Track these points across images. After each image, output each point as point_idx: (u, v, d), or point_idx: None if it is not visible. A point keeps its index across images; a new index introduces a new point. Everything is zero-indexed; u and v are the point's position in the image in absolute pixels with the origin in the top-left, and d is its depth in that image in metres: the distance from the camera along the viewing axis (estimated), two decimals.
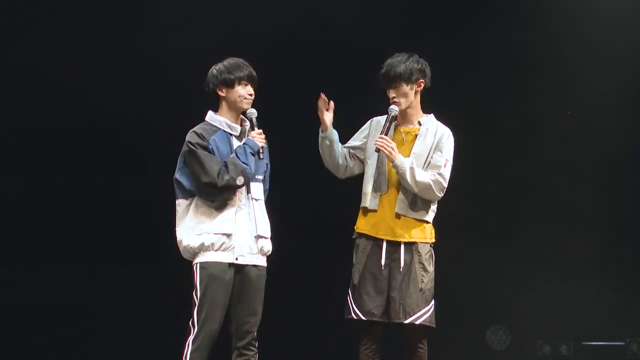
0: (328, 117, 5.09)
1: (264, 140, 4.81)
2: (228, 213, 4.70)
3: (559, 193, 7.92)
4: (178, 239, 4.76)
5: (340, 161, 5.18)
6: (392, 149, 4.96)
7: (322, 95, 5.08)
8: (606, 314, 7.80)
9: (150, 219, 7.45)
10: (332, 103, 5.09)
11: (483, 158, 7.77)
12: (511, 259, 7.83)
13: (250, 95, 4.80)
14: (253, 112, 4.83)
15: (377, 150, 4.97)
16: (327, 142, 5.14)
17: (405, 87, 5.04)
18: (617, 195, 7.89)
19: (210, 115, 4.85)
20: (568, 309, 7.83)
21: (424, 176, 4.99)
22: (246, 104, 4.80)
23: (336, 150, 5.16)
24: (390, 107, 5.05)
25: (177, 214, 4.77)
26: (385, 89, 5.09)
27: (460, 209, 7.75)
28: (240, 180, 4.65)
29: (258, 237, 4.77)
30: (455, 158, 5.17)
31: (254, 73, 4.83)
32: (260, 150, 4.76)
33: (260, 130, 4.81)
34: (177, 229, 4.77)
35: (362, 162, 5.21)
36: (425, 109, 5.21)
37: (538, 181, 7.94)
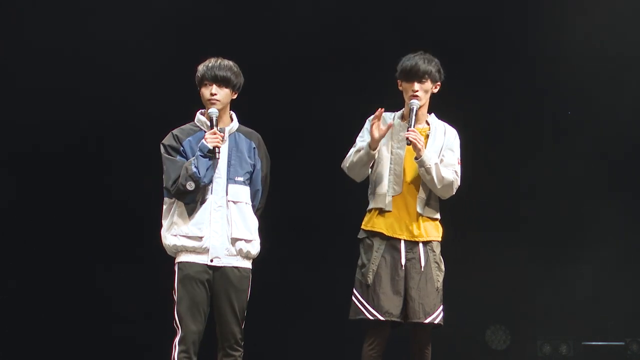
0: (381, 136, 4.98)
1: (217, 140, 4.70)
2: (202, 215, 4.71)
3: (560, 193, 7.91)
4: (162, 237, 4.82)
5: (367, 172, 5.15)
6: (423, 143, 4.96)
7: (381, 111, 4.97)
8: (606, 314, 7.80)
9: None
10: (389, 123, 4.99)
11: (483, 157, 7.77)
12: (511, 259, 7.83)
13: (213, 95, 4.74)
14: (214, 112, 4.76)
15: (409, 142, 4.93)
16: (370, 159, 5.04)
17: (429, 85, 5.05)
18: (617, 196, 7.88)
19: (197, 115, 4.87)
20: (568, 309, 7.83)
21: (447, 173, 5.00)
22: (210, 105, 4.76)
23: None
24: (412, 101, 5.01)
25: (163, 212, 4.83)
26: (406, 82, 5.04)
27: (461, 208, 7.76)
28: (190, 185, 4.64)
29: (237, 239, 4.75)
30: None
31: (220, 73, 4.75)
32: (217, 151, 4.69)
33: (214, 130, 4.72)
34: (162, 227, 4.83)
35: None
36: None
37: (539, 181, 7.94)
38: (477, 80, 7.72)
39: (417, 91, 5.01)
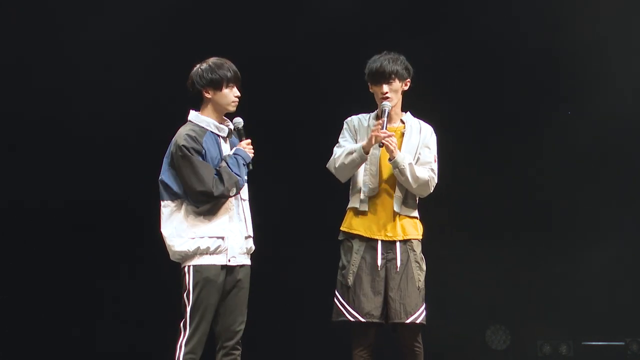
0: (378, 141, 4.95)
1: (252, 150, 4.79)
2: (221, 216, 4.68)
3: (560, 193, 7.91)
4: (167, 242, 4.68)
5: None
6: (396, 144, 4.96)
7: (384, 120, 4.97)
8: (606, 314, 7.79)
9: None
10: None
11: (484, 156, 7.77)
12: (511, 259, 7.82)
13: (237, 97, 4.76)
14: (240, 122, 4.80)
15: (382, 145, 4.94)
16: (362, 162, 5.04)
17: (398, 84, 5.06)
18: (618, 195, 7.88)
19: (195, 116, 4.77)
20: (568, 309, 7.82)
21: (422, 172, 5.00)
22: (233, 107, 4.76)
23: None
24: (384, 103, 5.02)
25: (162, 215, 4.70)
26: (375, 85, 5.07)
27: (461, 207, 7.76)
28: (233, 191, 4.65)
29: (248, 237, 4.77)
30: (452, 155, 5.16)
31: (239, 73, 4.78)
32: (250, 161, 4.76)
33: (249, 140, 4.79)
34: (163, 230, 4.69)
35: None
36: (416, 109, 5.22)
37: (539, 180, 7.94)
38: (475, 79, 7.72)
39: (386, 93, 5.03)
